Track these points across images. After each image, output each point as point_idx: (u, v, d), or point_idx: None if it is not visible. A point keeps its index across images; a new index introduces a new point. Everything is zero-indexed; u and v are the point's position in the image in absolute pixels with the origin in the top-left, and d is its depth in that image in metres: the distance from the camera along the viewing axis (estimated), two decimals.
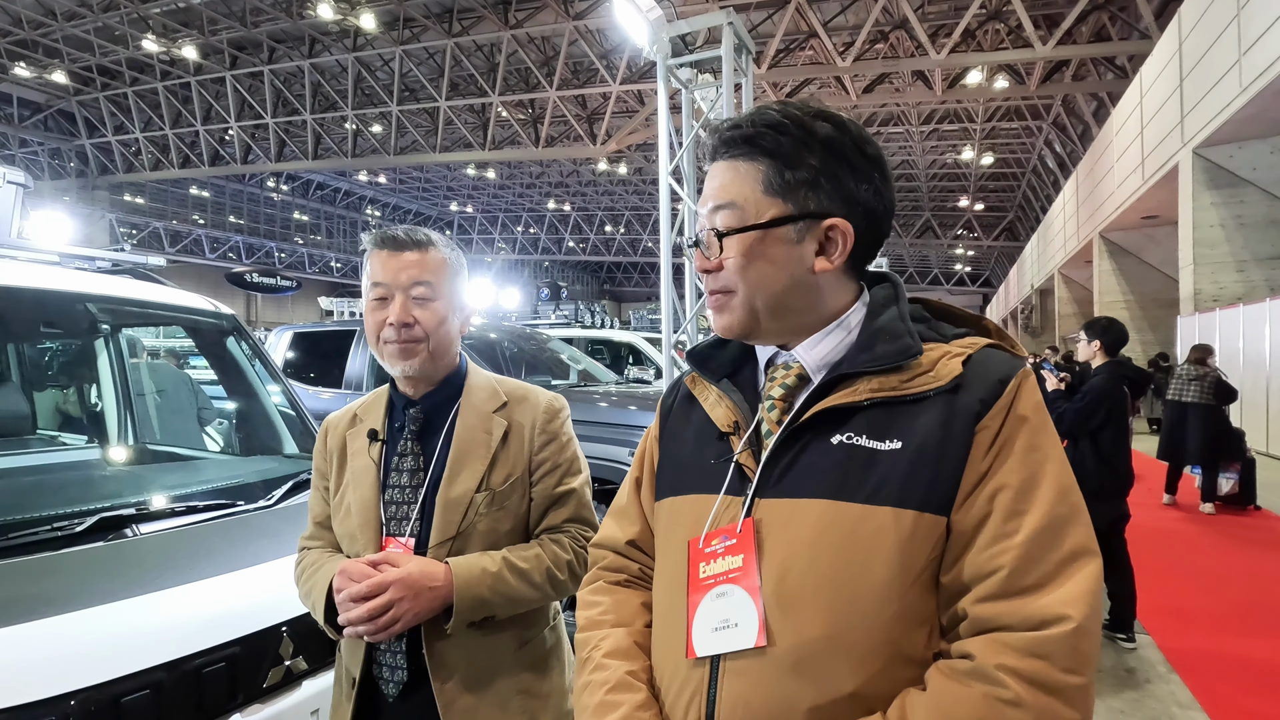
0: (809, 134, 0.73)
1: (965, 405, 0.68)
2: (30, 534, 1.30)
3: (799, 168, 0.73)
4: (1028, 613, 0.62)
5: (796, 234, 0.74)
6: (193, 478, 1.90)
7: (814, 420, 0.72)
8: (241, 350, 2.18)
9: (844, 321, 0.77)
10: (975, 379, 0.70)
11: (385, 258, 1.17)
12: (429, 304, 1.17)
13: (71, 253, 2.02)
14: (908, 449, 0.68)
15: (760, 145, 0.74)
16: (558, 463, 1.24)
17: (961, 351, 0.72)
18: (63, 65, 17.91)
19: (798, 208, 0.73)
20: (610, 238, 36.94)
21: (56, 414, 2.52)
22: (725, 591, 0.71)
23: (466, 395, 1.24)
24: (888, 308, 0.77)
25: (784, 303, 0.75)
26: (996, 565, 0.64)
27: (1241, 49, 8.34)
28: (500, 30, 14.87)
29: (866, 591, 0.66)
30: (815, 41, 13.52)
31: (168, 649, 1.14)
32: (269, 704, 1.23)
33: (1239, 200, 9.93)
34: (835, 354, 0.76)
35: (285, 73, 17.81)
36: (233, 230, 29.30)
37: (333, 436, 1.26)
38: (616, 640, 0.80)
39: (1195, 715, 2.76)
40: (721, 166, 0.76)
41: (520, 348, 4.89)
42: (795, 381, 0.76)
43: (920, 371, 0.71)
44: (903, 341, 0.72)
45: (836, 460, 0.70)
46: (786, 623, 0.67)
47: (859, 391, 0.71)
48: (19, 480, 1.83)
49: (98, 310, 1.98)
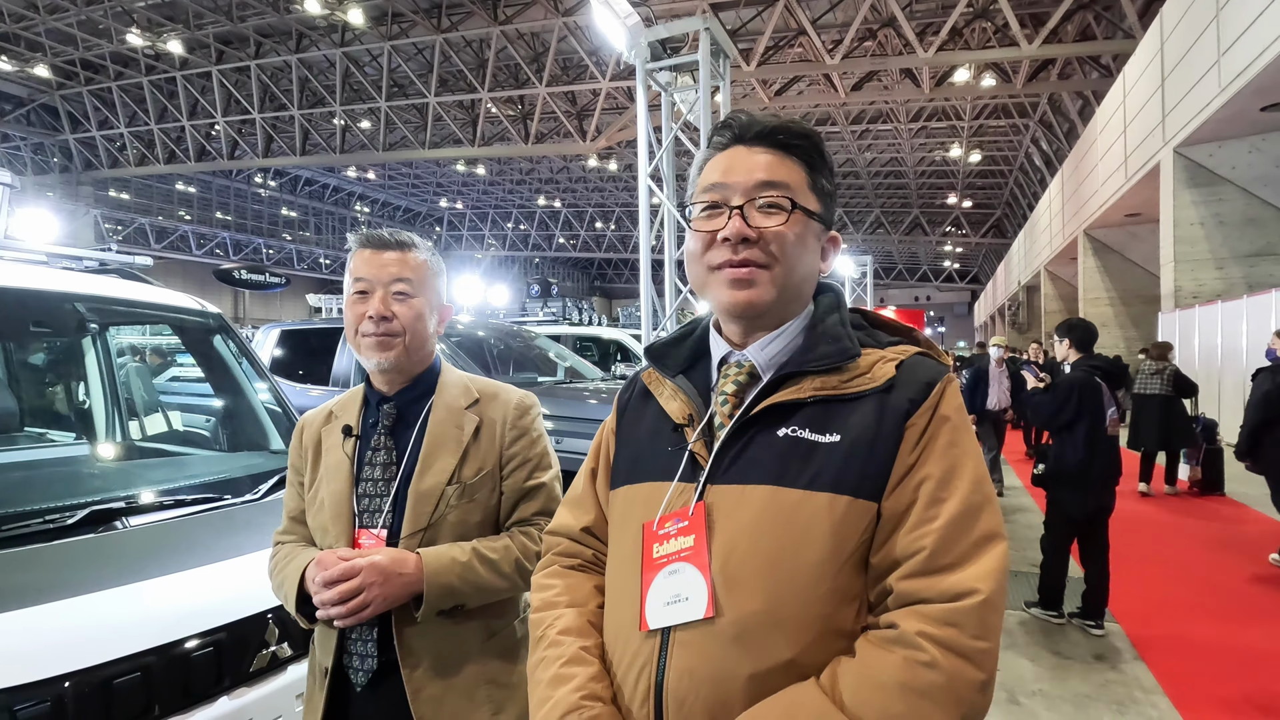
0: (824, 153, 0.85)
1: (896, 404, 0.76)
2: (21, 526, 1.35)
3: (823, 179, 0.84)
4: (944, 587, 0.70)
5: (820, 233, 0.84)
6: (180, 473, 1.94)
7: (762, 414, 0.79)
8: (228, 348, 2.22)
9: (792, 325, 0.84)
10: (906, 381, 0.78)
11: (369, 256, 1.23)
12: (408, 300, 1.23)
13: (59, 252, 2.05)
14: (844, 441, 0.75)
15: (800, 149, 0.83)
16: (528, 457, 1.28)
17: (895, 357, 0.80)
18: (46, 59, 17.72)
19: (825, 210, 0.84)
20: (600, 234, 36.93)
21: (44, 412, 2.55)
22: (677, 569, 0.77)
23: (439, 392, 1.28)
24: (830, 315, 0.85)
25: (798, 289, 0.83)
26: (919, 546, 0.71)
27: (1221, 49, 8.47)
28: (489, 26, 14.85)
29: (803, 570, 0.72)
30: (804, 39, 13.58)
31: (156, 634, 1.19)
32: (255, 688, 1.28)
33: (1218, 199, 10.08)
34: (783, 355, 0.83)
35: (272, 68, 17.70)
36: (219, 226, 29.09)
37: (308, 433, 1.30)
38: (569, 619, 0.85)
39: (1158, 699, 2.86)
40: (760, 150, 0.82)
41: (507, 345, 4.93)
42: (746, 379, 0.83)
43: (858, 373, 0.79)
44: (842, 345, 0.80)
45: (781, 450, 0.77)
46: (731, 597, 0.74)
47: (804, 389, 0.79)
48: (9, 475, 1.86)
49: (85, 310, 2.02)
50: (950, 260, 39.80)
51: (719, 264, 0.81)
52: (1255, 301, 8.81)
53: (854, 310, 0.91)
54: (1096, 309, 14.74)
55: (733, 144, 0.84)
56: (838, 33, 13.91)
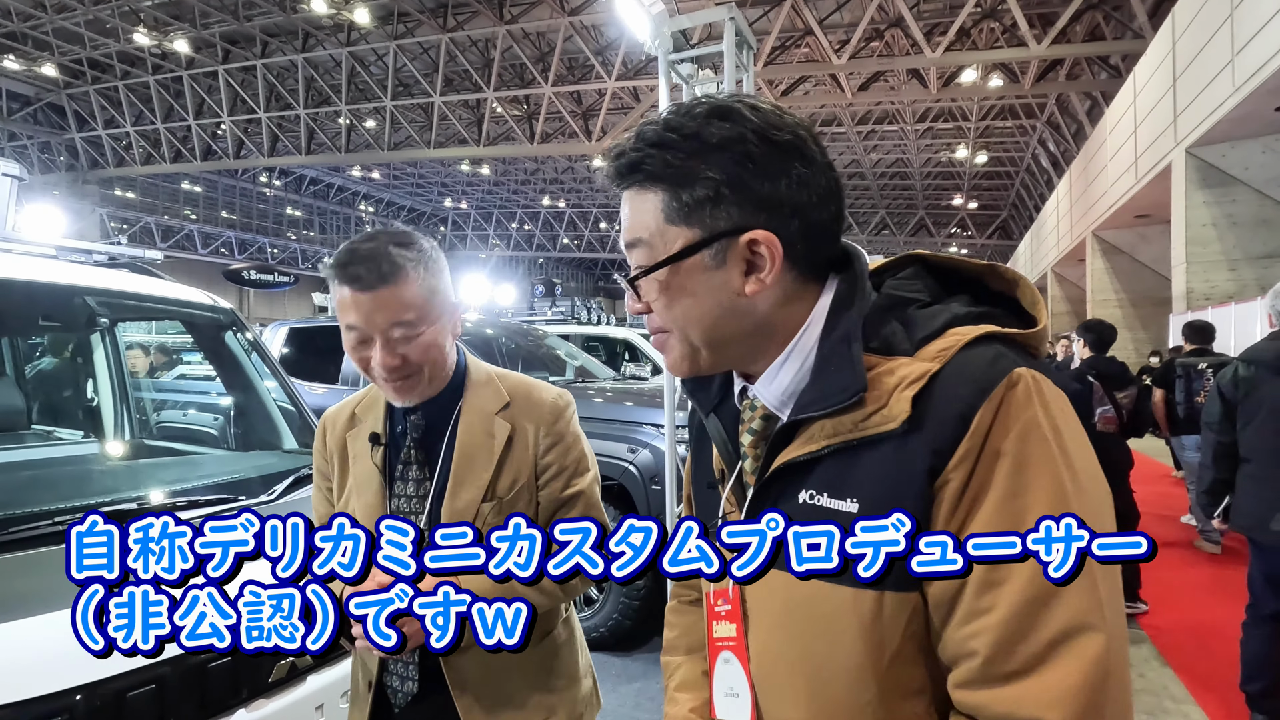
0: (700, 143, 0.62)
1: (919, 454, 0.56)
2: (30, 528, 1.29)
3: (695, 185, 0.62)
4: (1005, 708, 0.53)
5: (713, 259, 0.63)
6: (193, 473, 1.89)
7: (779, 474, 0.64)
8: (240, 344, 2.16)
9: (798, 344, 0.65)
10: (932, 416, 0.56)
11: (355, 298, 1.03)
12: (415, 339, 1.07)
13: (68, 245, 2.00)
14: (863, 509, 0.58)
15: (646, 170, 0.63)
16: (564, 465, 1.20)
17: (923, 372, 0.57)
18: (52, 58, 17.73)
19: (705, 230, 0.62)
20: (605, 234, 36.88)
21: (52, 409, 2.50)
22: (729, 659, 0.69)
23: (468, 394, 1.19)
24: (840, 317, 0.64)
25: (721, 335, 0.65)
26: (971, 649, 0.54)
27: (1235, 49, 8.40)
28: (495, 25, 14.80)
29: (839, 675, 0.60)
30: (811, 39, 13.52)
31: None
32: (274, 699, 1.22)
33: (1231, 200, 10.01)
34: (796, 384, 0.65)
35: (278, 67, 17.69)
36: (225, 226, 29.10)
37: (331, 436, 1.23)
38: (686, 671, 0.80)
39: (1189, 709, 2.79)
40: (625, 198, 0.67)
41: (517, 344, 4.88)
42: (762, 424, 0.68)
43: (875, 409, 0.58)
44: (846, 375, 0.60)
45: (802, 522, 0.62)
46: (770, 702, 0.65)
47: (816, 438, 0.61)
48: (17, 475, 1.81)
49: (96, 304, 1.97)
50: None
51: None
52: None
53: (910, 262, 0.68)
54: (1105, 311, 14.65)
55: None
56: (844, 33, 13.84)
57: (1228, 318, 9.53)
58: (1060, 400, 0.57)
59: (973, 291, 0.66)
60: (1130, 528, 2.91)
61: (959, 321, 0.60)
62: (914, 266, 0.68)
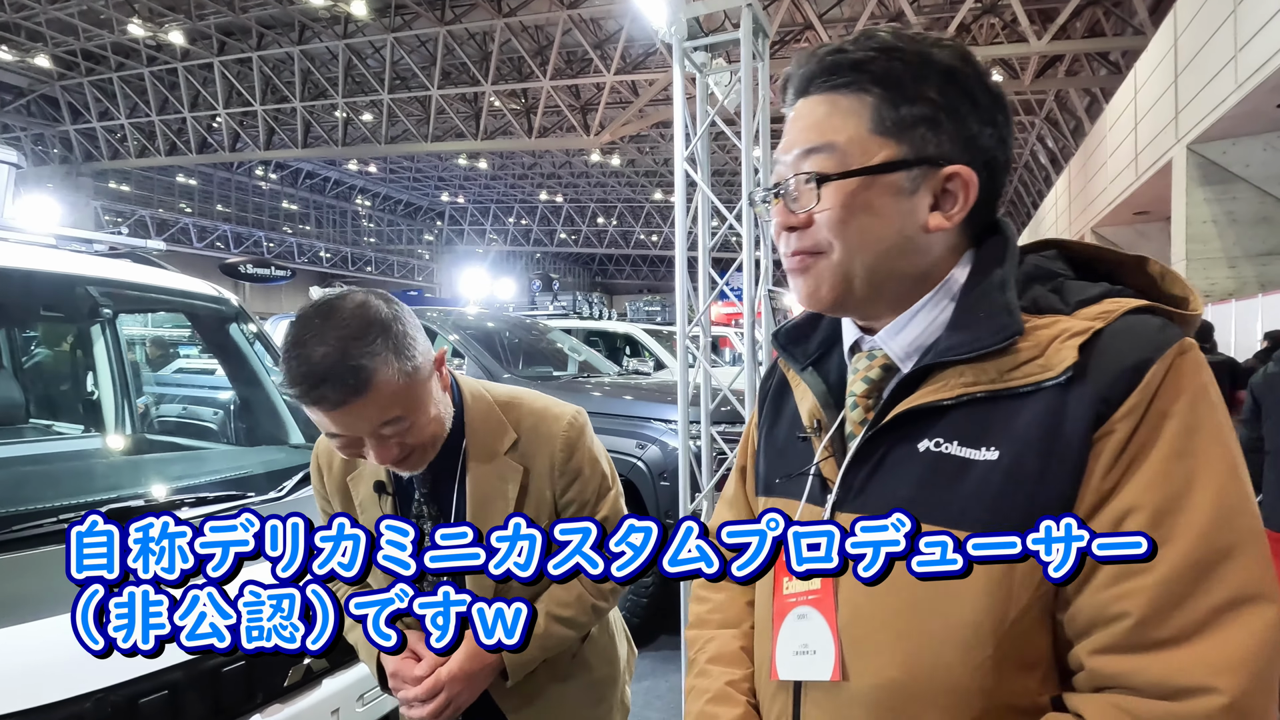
0: (927, 61, 0.60)
1: (1082, 404, 0.53)
2: (33, 527, 1.24)
3: (916, 101, 0.59)
4: (1159, 674, 0.49)
5: (910, 183, 0.60)
6: (199, 469, 1.84)
7: (897, 422, 0.61)
8: (244, 337, 2.12)
9: (937, 295, 0.63)
10: (1098, 367, 0.54)
11: (328, 416, 0.93)
12: (409, 428, 0.98)
13: (68, 234, 1.95)
14: (1005, 459, 0.55)
15: (870, 71, 0.60)
16: (585, 499, 1.14)
17: (1086, 328, 0.55)
18: (46, 49, 17.54)
19: (913, 150, 0.59)
20: (602, 230, 36.78)
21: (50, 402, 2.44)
22: (805, 614, 0.64)
23: (470, 434, 1.09)
24: (989, 273, 0.61)
25: (886, 266, 0.62)
26: (1120, 610, 0.51)
27: (1238, 44, 8.38)
28: (493, 18, 14.70)
29: (950, 633, 0.56)
30: (811, 33, 13.47)
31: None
32: (289, 704, 1.19)
33: (1231, 197, 10.01)
34: (927, 337, 0.63)
35: (274, 59, 17.54)
36: (220, 219, 28.91)
37: (329, 479, 1.15)
38: (721, 644, 0.75)
39: None
40: (814, 101, 0.62)
41: (520, 338, 4.84)
42: (880, 374, 0.65)
43: (1026, 359, 0.56)
44: (1000, 318, 0.57)
45: (921, 471, 0.59)
46: (861, 660, 0.60)
47: (949, 386, 0.58)
48: (16, 471, 1.76)
49: (99, 294, 1.91)
50: None
51: (784, 256, 0.68)
52: (1269, 300, 8.73)
53: (1049, 245, 0.66)
54: None
55: (790, 105, 0.66)
56: (845, 27, 13.81)
57: (1228, 315, 9.53)
58: (1216, 382, 0.56)
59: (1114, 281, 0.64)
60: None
61: (1113, 295, 0.59)
62: (1053, 250, 0.66)
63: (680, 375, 2.38)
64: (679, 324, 2.31)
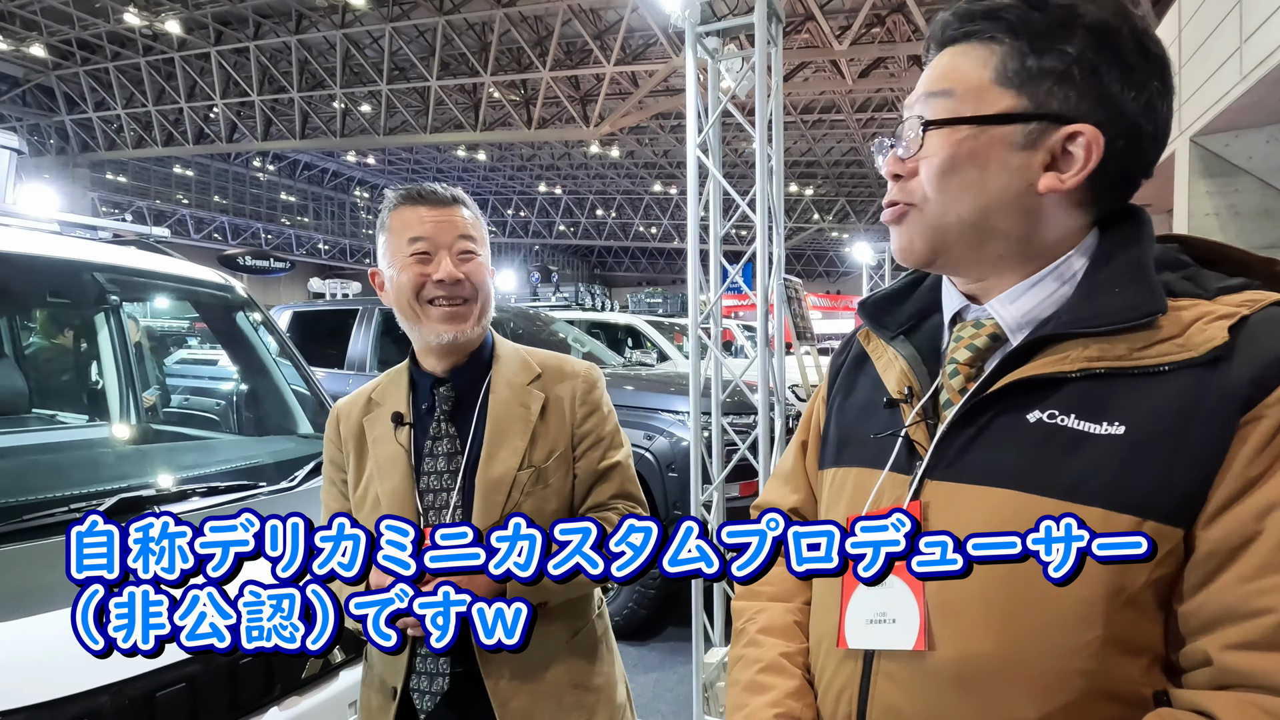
0: (1071, 14, 0.57)
1: (1228, 386, 0.52)
2: (43, 516, 1.22)
3: (1047, 53, 0.57)
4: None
5: (1025, 137, 0.57)
6: (209, 458, 1.81)
7: (1006, 391, 0.58)
8: (251, 325, 2.09)
9: (1059, 268, 0.61)
10: (1247, 350, 0.52)
11: (424, 213, 1.11)
12: (475, 259, 1.13)
13: (72, 221, 1.91)
14: (1132, 435, 0.53)
15: (1004, 19, 0.58)
16: (601, 435, 1.18)
17: (1231, 312, 0.54)
18: (41, 38, 17.39)
19: (1034, 103, 0.57)
20: (601, 221, 36.69)
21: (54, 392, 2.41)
22: (888, 581, 0.60)
23: (496, 367, 1.17)
24: (1125, 250, 0.59)
25: (988, 224, 0.60)
26: (1263, 606, 0.49)
27: (1242, 36, 8.33)
28: (492, 8, 14.59)
29: (1055, 608, 0.54)
30: (811, 24, 13.38)
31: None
32: (306, 696, 1.17)
33: (1234, 189, 9.99)
34: (1043, 310, 0.61)
35: (272, 49, 17.41)
36: (218, 210, 28.79)
37: (345, 424, 1.18)
38: (772, 616, 0.73)
39: None
40: (949, 52, 0.61)
41: (525, 328, 4.82)
42: (987, 343, 0.62)
43: (1163, 337, 0.54)
44: (1140, 294, 0.55)
45: (1030, 442, 0.56)
46: (950, 629, 0.57)
47: (1070, 359, 0.56)
48: (21, 461, 1.73)
49: (105, 281, 1.88)
50: None
51: (885, 205, 0.66)
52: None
53: (1171, 239, 0.64)
54: None
55: (928, 59, 0.65)
56: (845, 18, 13.71)
57: None
58: None
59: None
60: None
61: (1253, 288, 0.57)
62: (1175, 244, 0.64)
63: (692, 366, 2.35)
64: (690, 314, 2.28)
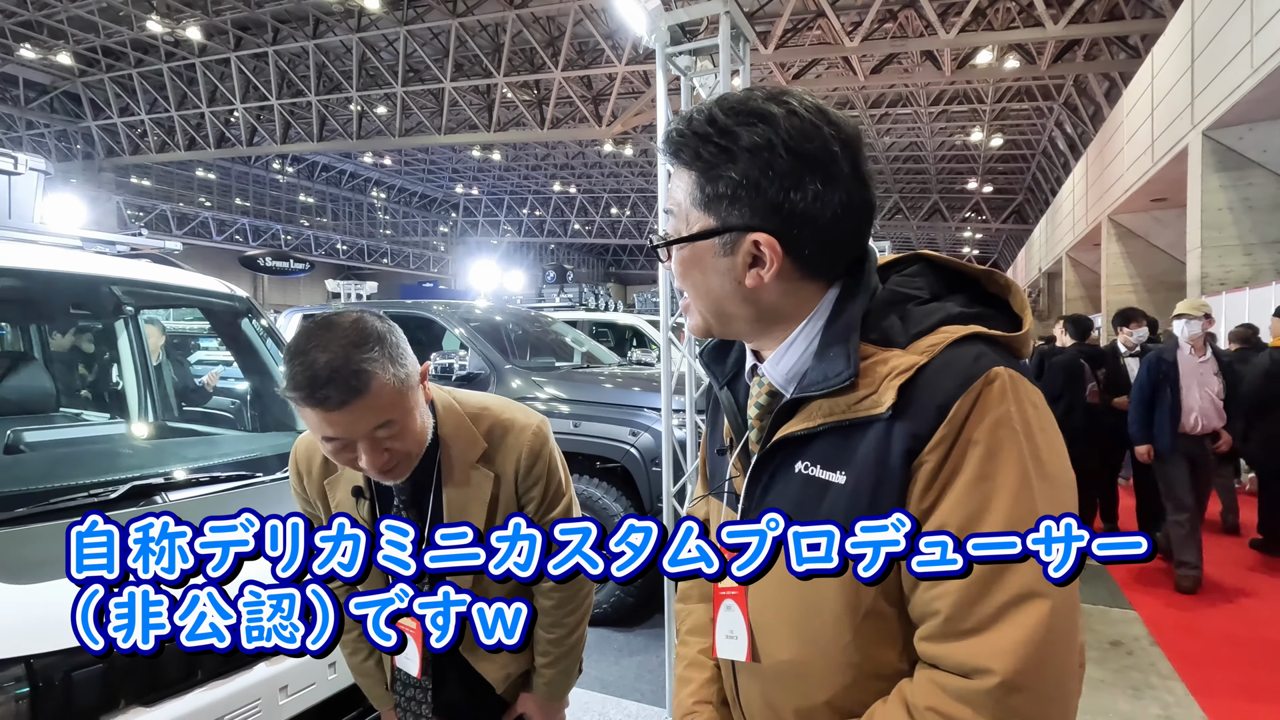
0: (733, 141, 0.67)
1: (901, 437, 0.63)
2: (67, 500, 1.40)
3: (719, 180, 0.68)
4: (960, 658, 0.61)
5: (722, 248, 0.69)
6: (214, 451, 2.00)
7: (780, 445, 0.71)
8: (255, 330, 2.27)
9: (804, 330, 0.72)
10: (913, 404, 0.63)
11: (327, 417, 0.98)
12: (399, 435, 1.05)
13: (92, 237, 2.10)
14: (850, 483, 0.66)
15: (683, 157, 0.70)
16: (544, 499, 1.25)
17: (910, 364, 0.64)
18: (67, 46, 17.89)
19: (719, 221, 0.69)
20: (616, 220, 36.80)
21: (79, 393, 2.62)
22: (730, 606, 0.77)
23: (444, 445, 1.17)
24: (848, 304, 0.70)
25: (724, 312, 0.72)
26: (934, 609, 0.63)
27: (1254, 28, 8.25)
28: (505, 10, 14.76)
29: (823, 624, 0.69)
30: (823, 21, 13.37)
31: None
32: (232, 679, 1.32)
33: (1247, 183, 9.87)
34: (801, 366, 0.72)
35: (290, 54, 17.76)
36: (239, 213, 29.35)
37: (309, 482, 1.22)
38: (698, 617, 0.91)
39: (1174, 684, 2.86)
40: (674, 169, 0.74)
41: (524, 330, 4.97)
42: (768, 399, 0.75)
43: (864, 394, 0.65)
44: (839, 362, 0.67)
45: (795, 490, 0.70)
46: (765, 645, 0.75)
47: (813, 416, 0.69)
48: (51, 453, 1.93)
49: (121, 293, 2.07)
50: (969, 246, 39.25)
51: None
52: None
53: (916, 260, 0.75)
54: (1120, 296, 14.51)
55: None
56: (857, 14, 13.68)
57: (1243, 303, 9.42)
58: (1034, 397, 0.64)
59: (972, 291, 0.73)
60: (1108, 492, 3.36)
61: (951, 320, 0.67)
62: (919, 264, 0.75)
63: (664, 363, 2.50)
64: (662, 314, 2.42)
